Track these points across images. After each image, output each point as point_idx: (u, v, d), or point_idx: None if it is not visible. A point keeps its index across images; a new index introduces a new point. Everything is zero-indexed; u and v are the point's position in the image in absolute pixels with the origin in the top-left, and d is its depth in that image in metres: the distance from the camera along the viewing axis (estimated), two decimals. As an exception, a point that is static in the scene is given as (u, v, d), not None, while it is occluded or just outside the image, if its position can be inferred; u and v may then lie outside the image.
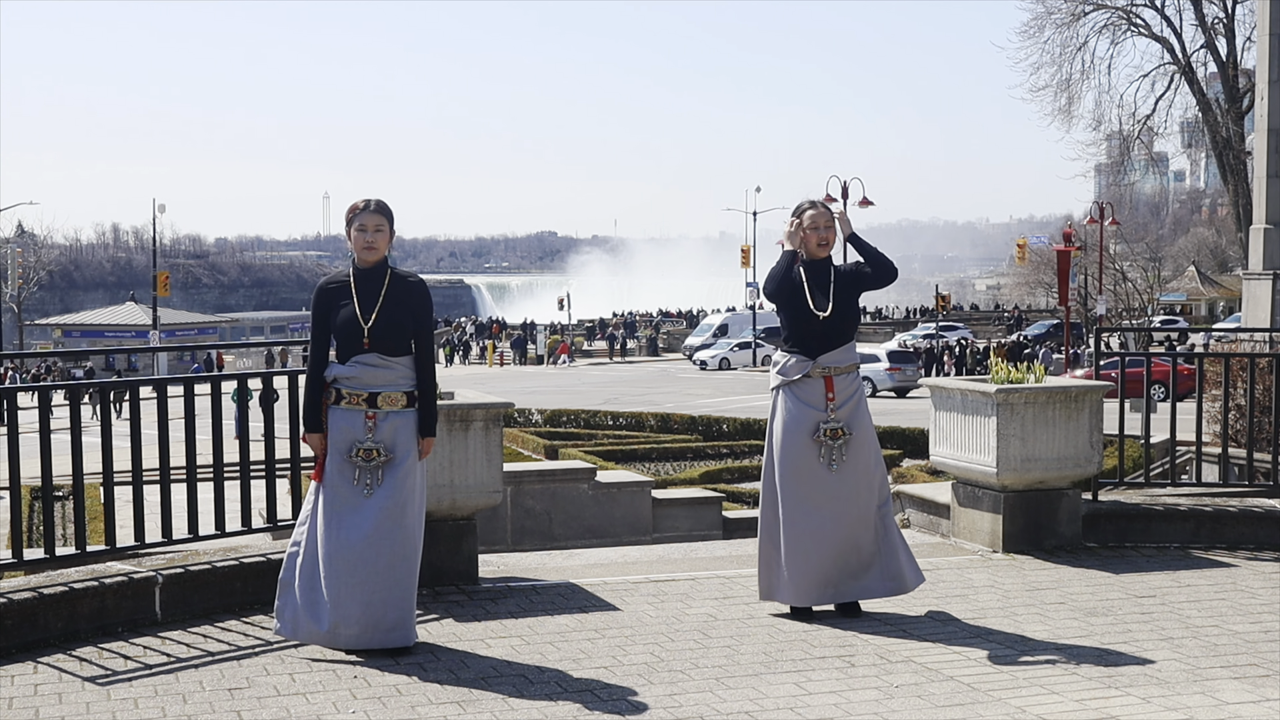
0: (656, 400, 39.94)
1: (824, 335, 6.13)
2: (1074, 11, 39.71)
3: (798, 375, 6.13)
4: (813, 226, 6.20)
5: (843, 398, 6.13)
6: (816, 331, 6.12)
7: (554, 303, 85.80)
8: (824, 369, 6.13)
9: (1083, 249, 49.15)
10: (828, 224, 6.21)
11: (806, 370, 6.12)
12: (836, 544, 6.07)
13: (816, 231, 6.20)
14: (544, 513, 13.10)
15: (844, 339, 6.19)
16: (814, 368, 6.12)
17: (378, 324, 5.52)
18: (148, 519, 6.39)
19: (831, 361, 6.14)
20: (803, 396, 6.12)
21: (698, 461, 23.04)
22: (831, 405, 6.09)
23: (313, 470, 5.68)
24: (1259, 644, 5.72)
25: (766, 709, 4.85)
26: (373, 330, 5.52)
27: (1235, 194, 37.87)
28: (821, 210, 6.26)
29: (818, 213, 6.23)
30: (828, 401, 6.10)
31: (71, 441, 6.12)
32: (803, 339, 6.15)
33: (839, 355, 6.16)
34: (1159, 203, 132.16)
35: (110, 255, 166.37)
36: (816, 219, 6.21)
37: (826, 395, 6.10)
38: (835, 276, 6.21)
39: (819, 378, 6.12)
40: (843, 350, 6.18)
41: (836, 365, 6.15)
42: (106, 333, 71.79)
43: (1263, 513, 7.93)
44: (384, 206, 5.67)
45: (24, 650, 5.51)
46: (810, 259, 6.23)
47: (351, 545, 5.47)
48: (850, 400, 6.15)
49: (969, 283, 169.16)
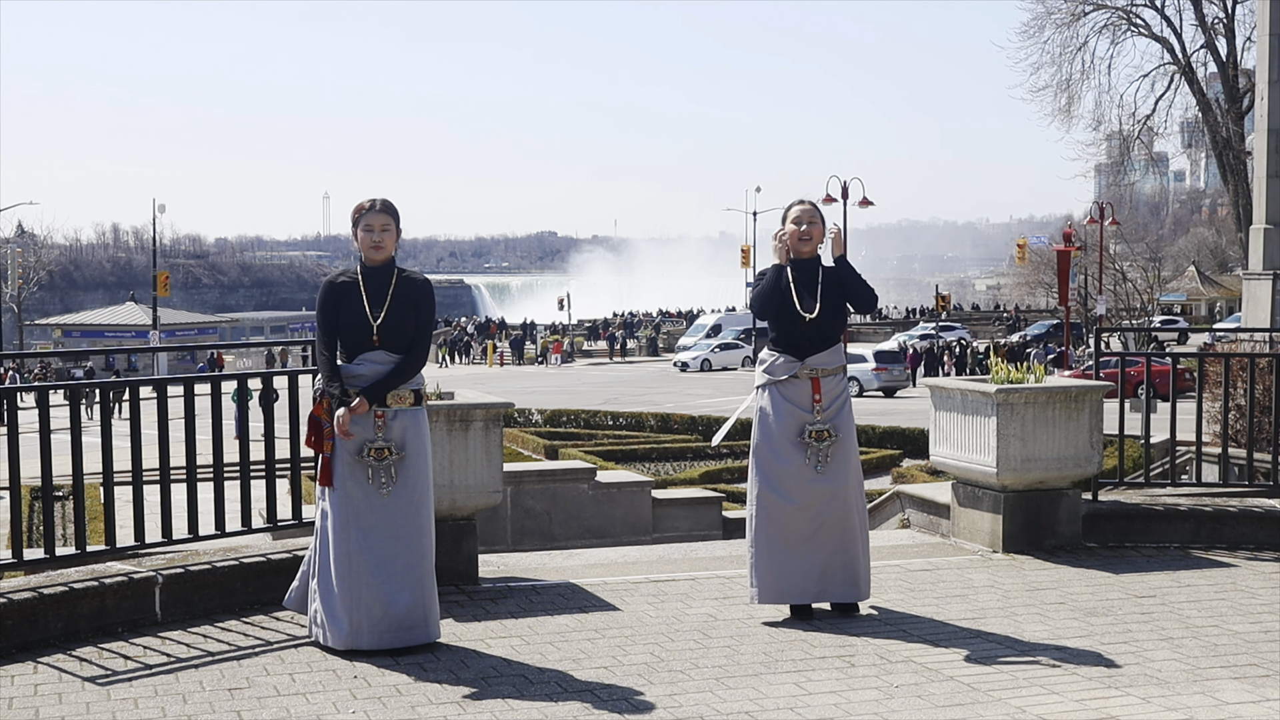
0: (656, 400, 39.94)
1: (811, 336, 6.11)
2: (1074, 11, 39.68)
3: (785, 376, 6.11)
4: (795, 221, 6.18)
5: (829, 399, 6.11)
6: (804, 332, 6.10)
7: (554, 303, 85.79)
8: (812, 370, 6.11)
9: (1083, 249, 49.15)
10: (810, 219, 6.17)
11: (794, 371, 6.10)
12: (817, 545, 6.05)
13: (799, 226, 6.16)
14: (544, 513, 13.10)
15: (831, 340, 6.16)
16: (802, 369, 6.10)
17: (386, 322, 5.53)
18: (148, 519, 6.39)
19: (819, 363, 6.12)
20: (789, 396, 6.10)
21: (698, 461, 23.05)
22: (818, 407, 6.08)
23: (319, 474, 5.66)
24: (1259, 644, 5.72)
25: (766, 709, 4.85)
26: (382, 328, 5.53)
27: (1235, 194, 37.83)
28: (807, 207, 6.23)
29: (803, 209, 6.21)
30: (814, 403, 6.08)
31: (71, 441, 6.12)
32: (790, 340, 6.13)
33: (827, 357, 6.14)
34: (1159, 203, 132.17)
35: (110, 255, 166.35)
36: (801, 215, 6.19)
37: (813, 397, 6.09)
38: (823, 277, 6.18)
39: (806, 379, 6.11)
40: (830, 352, 6.15)
41: (824, 367, 6.12)
42: (106, 333, 71.76)
43: (1263, 513, 7.93)
44: (390, 206, 5.68)
45: (24, 650, 5.51)
46: (796, 257, 6.20)
47: (373, 546, 5.47)
48: (837, 402, 6.13)
49: (969, 283, 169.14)
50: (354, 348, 5.57)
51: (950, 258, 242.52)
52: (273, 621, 6.04)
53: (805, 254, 6.21)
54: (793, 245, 6.20)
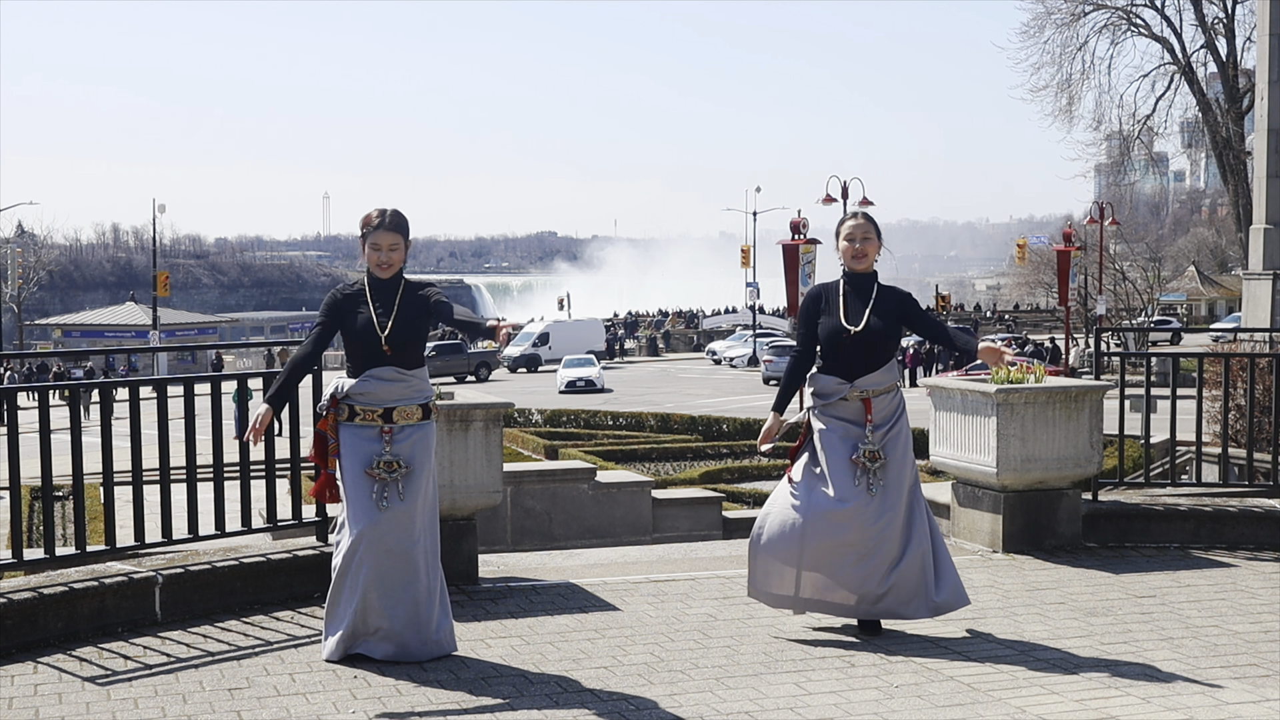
0: (656, 400, 39.95)
1: (856, 353, 5.85)
2: (1074, 12, 39.72)
3: (833, 399, 5.88)
4: (848, 238, 5.99)
5: (881, 419, 5.85)
6: (848, 349, 5.85)
7: (554, 303, 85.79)
8: (861, 392, 5.87)
9: (1083, 249, 49.03)
10: (865, 235, 5.98)
11: (844, 394, 5.86)
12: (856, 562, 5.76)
13: (852, 244, 5.97)
14: (544, 513, 13.11)
15: (880, 360, 5.87)
16: (851, 390, 5.89)
17: (395, 332, 5.41)
18: (147, 519, 6.39)
19: (869, 385, 5.85)
20: (841, 414, 5.87)
21: (698, 461, 23.07)
22: (871, 425, 5.82)
23: (316, 491, 5.64)
24: (1259, 644, 5.72)
25: (766, 709, 4.85)
26: (390, 339, 5.40)
27: (1235, 194, 37.85)
28: (860, 222, 6.03)
29: (855, 224, 6.02)
30: (867, 422, 5.83)
31: (71, 441, 6.12)
32: (836, 357, 5.90)
33: (877, 378, 5.86)
34: (1159, 203, 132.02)
35: (110, 255, 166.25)
36: (853, 231, 5.99)
37: (865, 416, 5.84)
38: (878, 293, 5.94)
39: (855, 400, 5.87)
40: (881, 372, 5.89)
41: (874, 388, 5.87)
42: (106, 333, 71.86)
43: (1263, 513, 7.93)
44: (399, 223, 5.51)
45: (24, 650, 5.51)
46: (851, 273, 6.02)
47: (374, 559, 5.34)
48: (889, 423, 5.85)
49: (969, 283, 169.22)
50: (363, 359, 5.44)
51: (950, 257, 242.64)
52: (273, 621, 6.04)
53: (860, 270, 6.01)
54: (847, 263, 6.01)
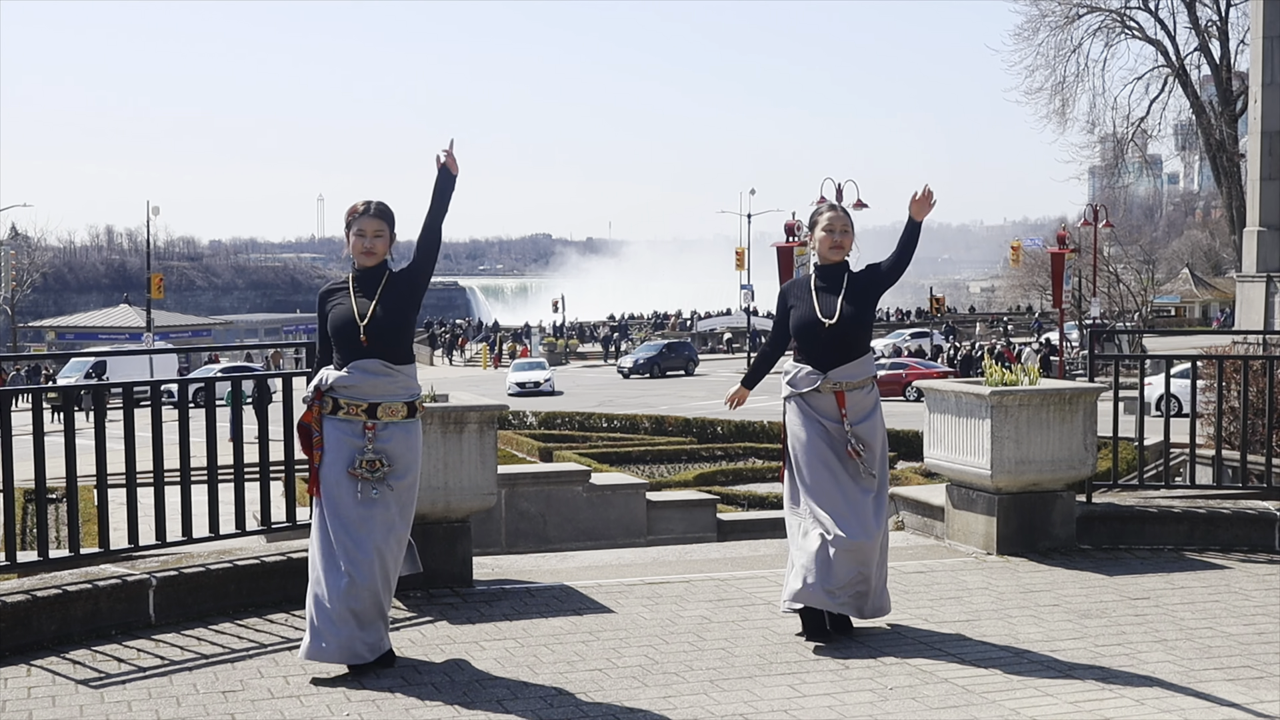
0: (651, 403, 39.93)
1: (831, 346, 5.85)
2: (1068, 14, 39.83)
3: (806, 389, 5.87)
4: (828, 229, 5.97)
5: (856, 414, 5.85)
6: (823, 341, 5.86)
7: (549, 305, 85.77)
8: (835, 384, 5.86)
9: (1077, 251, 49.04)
10: (844, 227, 5.97)
11: (816, 385, 5.86)
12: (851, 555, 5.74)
13: (831, 235, 5.96)
14: (538, 515, 13.09)
15: (855, 352, 5.89)
16: (824, 382, 5.86)
17: (374, 320, 5.33)
18: (141, 521, 6.38)
19: (843, 377, 5.84)
20: (816, 406, 5.86)
21: (692, 464, 23.04)
22: (846, 421, 5.82)
23: (309, 482, 5.62)
24: (1253, 646, 5.73)
25: (761, 711, 4.85)
26: (369, 327, 5.32)
27: (1229, 197, 37.96)
28: (839, 214, 6.03)
29: (835, 215, 6.02)
30: (841, 416, 5.82)
31: (65, 444, 6.11)
32: (810, 349, 5.91)
33: (851, 370, 5.87)
34: (1153, 205, 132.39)
35: (104, 258, 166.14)
36: (833, 222, 5.98)
37: (840, 410, 5.83)
38: (848, 282, 5.95)
39: (829, 393, 5.86)
40: (856, 364, 5.88)
41: (849, 380, 5.87)
42: (100, 335, 71.72)
43: (1256, 515, 7.94)
44: (384, 210, 5.52)
45: (17, 653, 5.50)
46: (823, 264, 6.01)
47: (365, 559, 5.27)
48: (865, 418, 5.86)
49: (963, 285, 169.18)
50: (344, 350, 5.38)
51: (945, 260, 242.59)
52: (266, 624, 6.03)
53: (834, 261, 6.01)
54: (823, 254, 6.00)
